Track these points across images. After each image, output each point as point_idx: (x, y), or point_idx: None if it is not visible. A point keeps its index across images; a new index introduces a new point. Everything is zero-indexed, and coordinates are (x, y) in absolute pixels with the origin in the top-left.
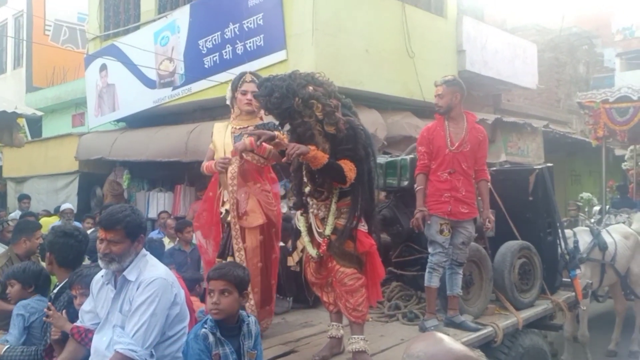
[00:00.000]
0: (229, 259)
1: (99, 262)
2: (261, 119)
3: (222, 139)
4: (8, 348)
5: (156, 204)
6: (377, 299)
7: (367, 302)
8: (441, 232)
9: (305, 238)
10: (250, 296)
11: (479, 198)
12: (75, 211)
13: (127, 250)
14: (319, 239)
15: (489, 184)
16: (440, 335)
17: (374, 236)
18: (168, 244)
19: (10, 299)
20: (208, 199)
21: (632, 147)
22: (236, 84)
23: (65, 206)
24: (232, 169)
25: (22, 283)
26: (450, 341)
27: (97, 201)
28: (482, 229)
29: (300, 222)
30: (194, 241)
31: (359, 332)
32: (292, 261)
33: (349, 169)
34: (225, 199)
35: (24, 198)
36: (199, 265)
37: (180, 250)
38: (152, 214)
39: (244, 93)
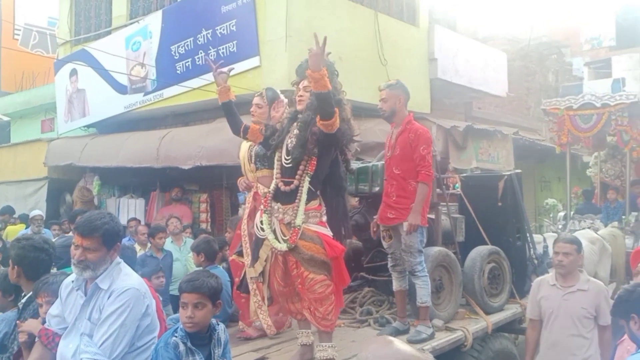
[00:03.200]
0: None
1: (73, 268)
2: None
3: (243, 152)
4: None
5: (127, 210)
6: (340, 307)
7: (336, 310)
8: (383, 238)
9: (269, 236)
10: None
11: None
12: (44, 218)
13: (103, 258)
14: (282, 247)
15: (426, 186)
16: (389, 338)
17: (344, 242)
18: (139, 251)
19: None
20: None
21: (596, 153)
22: None
23: (34, 213)
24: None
25: (2, 291)
26: (399, 343)
27: (66, 208)
28: (451, 234)
29: (264, 223)
30: (182, 247)
31: (327, 340)
32: (253, 272)
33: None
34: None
35: (5, 212)
36: (171, 272)
37: (152, 256)
38: (123, 220)
39: (252, 105)
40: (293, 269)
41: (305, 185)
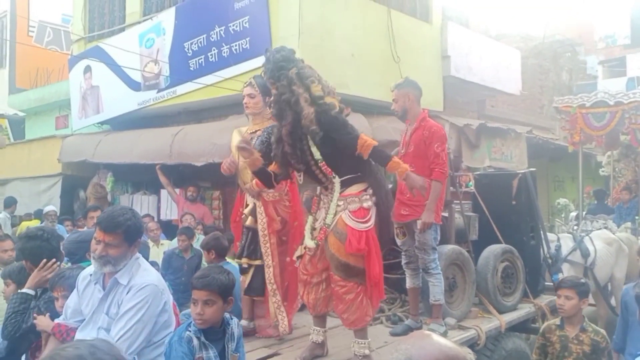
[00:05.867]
0: (244, 260)
1: (93, 262)
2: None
3: (235, 142)
4: None
5: (140, 207)
6: (379, 299)
7: (358, 309)
8: (396, 235)
9: (306, 233)
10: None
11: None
12: (58, 214)
13: (124, 254)
14: (311, 245)
15: (440, 184)
16: (428, 332)
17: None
18: (151, 247)
19: (5, 298)
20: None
21: (609, 152)
22: None
23: (48, 208)
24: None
25: (17, 283)
26: (438, 337)
27: (80, 204)
28: (464, 232)
29: (308, 223)
30: (196, 245)
31: (358, 337)
32: (298, 251)
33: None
34: (248, 203)
35: (11, 204)
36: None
37: (179, 255)
38: None
39: (244, 97)
40: (318, 259)
41: (337, 186)
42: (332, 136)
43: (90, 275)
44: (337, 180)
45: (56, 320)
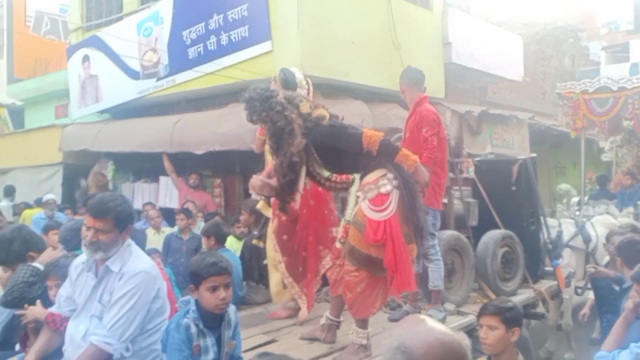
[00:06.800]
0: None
1: (84, 249)
2: None
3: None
4: None
5: (142, 195)
6: (401, 290)
7: (367, 300)
8: None
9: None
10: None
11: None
12: (59, 202)
13: (115, 239)
14: (337, 245)
15: (428, 169)
16: (422, 316)
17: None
18: (152, 235)
19: (2, 285)
20: None
21: (612, 138)
22: None
23: (47, 197)
24: None
25: (13, 270)
26: (432, 322)
27: (81, 192)
28: (464, 218)
29: (340, 226)
30: (196, 231)
31: (358, 325)
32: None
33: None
34: None
35: (12, 192)
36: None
37: (177, 237)
38: (138, 205)
39: None
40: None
41: (357, 181)
42: (336, 145)
43: (83, 263)
44: (356, 176)
45: (49, 309)
